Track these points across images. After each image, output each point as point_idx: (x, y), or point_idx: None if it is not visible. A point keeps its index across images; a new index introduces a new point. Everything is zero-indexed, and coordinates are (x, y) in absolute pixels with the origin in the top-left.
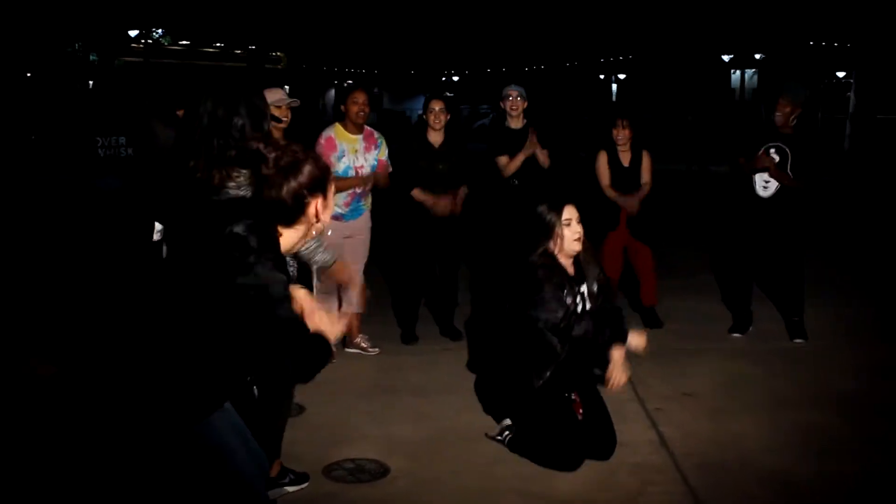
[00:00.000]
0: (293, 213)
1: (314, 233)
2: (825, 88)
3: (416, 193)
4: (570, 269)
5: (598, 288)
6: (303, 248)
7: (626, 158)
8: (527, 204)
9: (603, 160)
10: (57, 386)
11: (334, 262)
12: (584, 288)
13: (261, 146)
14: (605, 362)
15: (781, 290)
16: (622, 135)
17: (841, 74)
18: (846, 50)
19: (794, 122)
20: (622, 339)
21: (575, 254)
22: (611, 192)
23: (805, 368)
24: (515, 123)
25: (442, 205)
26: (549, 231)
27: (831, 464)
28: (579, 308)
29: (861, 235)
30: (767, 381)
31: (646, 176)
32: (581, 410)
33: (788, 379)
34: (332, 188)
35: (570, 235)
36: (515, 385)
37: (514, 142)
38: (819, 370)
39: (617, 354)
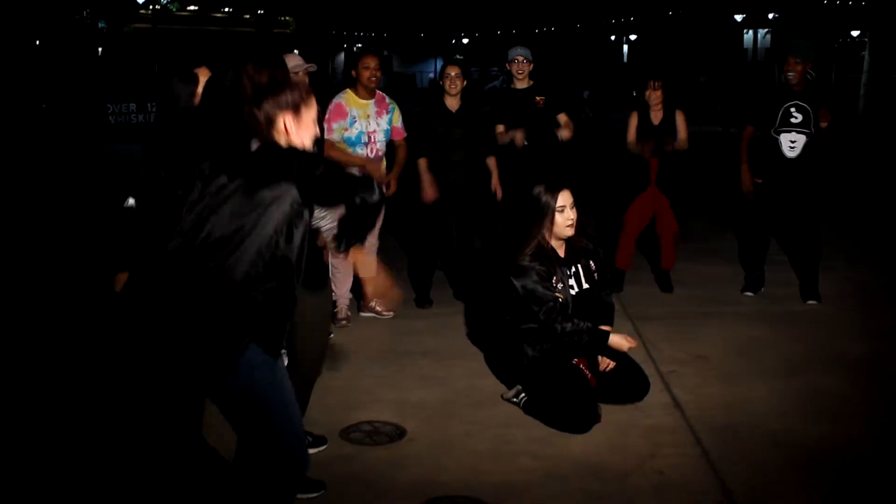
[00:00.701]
0: (266, 128)
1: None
2: (839, 47)
3: (421, 164)
4: (561, 251)
5: (593, 265)
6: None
7: (657, 118)
8: (537, 168)
9: (633, 120)
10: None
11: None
12: (575, 268)
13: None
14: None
15: (798, 251)
16: (654, 95)
17: (855, 33)
18: (860, 8)
19: (809, 77)
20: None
21: (566, 237)
22: (631, 145)
23: (816, 333)
24: (521, 84)
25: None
26: (542, 215)
27: (840, 428)
28: (573, 289)
29: (875, 201)
30: (778, 345)
31: (682, 133)
32: (590, 374)
33: (799, 343)
34: (307, 110)
35: (562, 221)
36: (520, 356)
37: (517, 103)
38: (829, 335)
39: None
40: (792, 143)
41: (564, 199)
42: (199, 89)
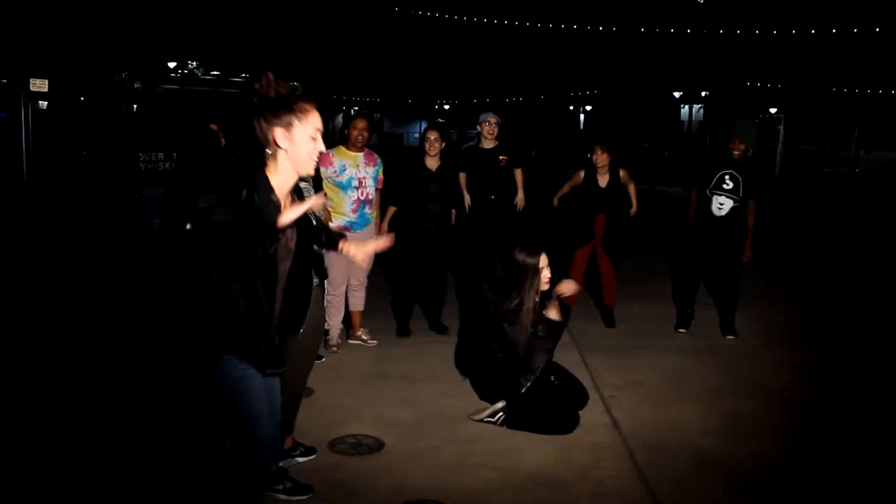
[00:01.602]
0: (264, 139)
1: (295, 166)
2: (760, 122)
3: (389, 211)
4: (536, 298)
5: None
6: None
7: (603, 180)
8: (502, 216)
9: (576, 178)
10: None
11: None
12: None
13: (257, 84)
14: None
15: (720, 294)
16: (601, 159)
17: (773, 110)
18: (777, 90)
19: (749, 154)
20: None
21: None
22: (555, 200)
23: (736, 364)
24: (488, 144)
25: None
26: (529, 276)
27: (756, 447)
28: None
29: (789, 250)
30: (703, 373)
31: (634, 201)
32: (555, 380)
33: (721, 373)
34: (298, 125)
35: (543, 279)
36: (514, 383)
37: (482, 160)
38: (748, 366)
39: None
40: (720, 205)
41: (543, 261)
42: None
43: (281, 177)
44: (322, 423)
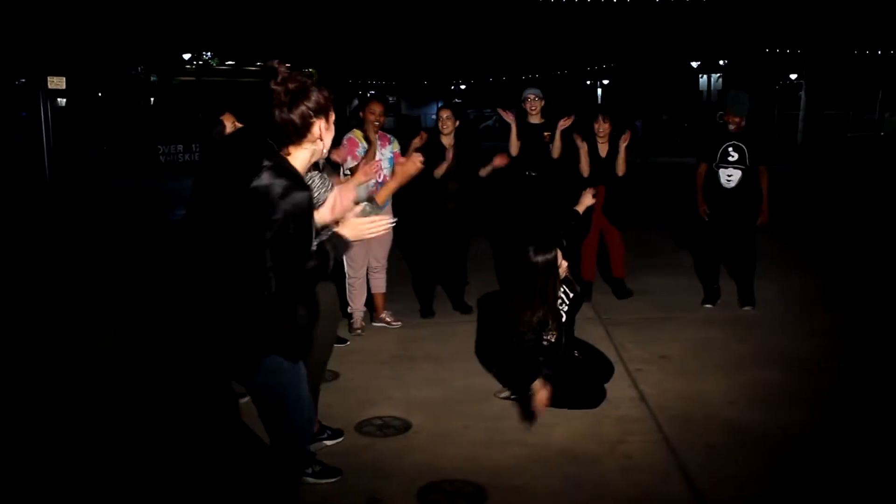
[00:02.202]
0: (301, 131)
1: (319, 154)
2: (780, 89)
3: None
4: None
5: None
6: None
7: (603, 150)
8: (541, 193)
9: (584, 151)
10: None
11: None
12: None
13: (276, 63)
14: None
15: (737, 265)
16: (602, 128)
17: (793, 76)
18: (797, 55)
19: (745, 124)
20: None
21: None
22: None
23: (760, 334)
24: (534, 119)
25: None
26: (542, 275)
27: (782, 415)
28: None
29: (811, 217)
30: (729, 344)
31: (621, 164)
32: (579, 355)
33: (746, 342)
34: (332, 115)
35: (560, 274)
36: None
37: (532, 134)
38: (773, 334)
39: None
40: (729, 177)
41: (559, 256)
42: (228, 128)
43: (299, 164)
44: (348, 406)
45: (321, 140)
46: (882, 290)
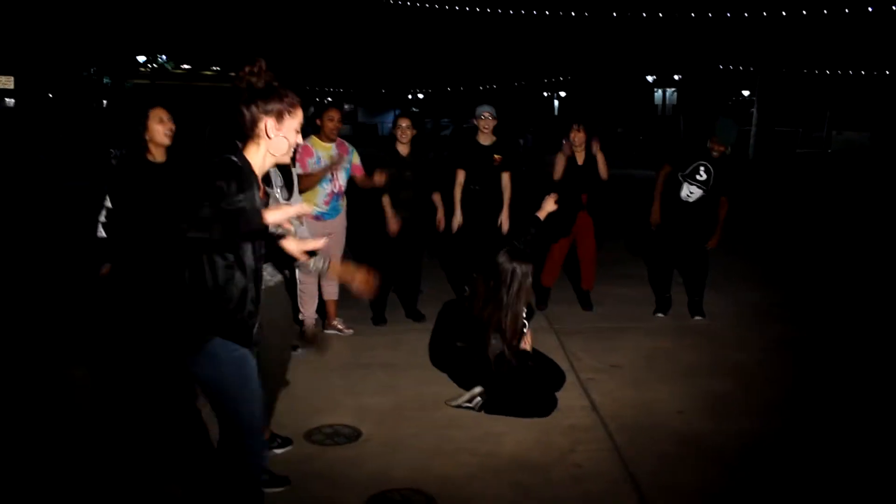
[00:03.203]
0: (250, 126)
1: (274, 155)
2: (732, 104)
3: (385, 200)
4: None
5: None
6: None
7: (581, 158)
8: (485, 207)
9: (561, 158)
10: (87, 385)
11: (327, 264)
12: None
13: (248, 68)
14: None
15: (688, 275)
16: (578, 137)
17: (746, 93)
18: (750, 73)
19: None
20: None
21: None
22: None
23: (710, 344)
24: (485, 140)
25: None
26: (513, 281)
27: (731, 425)
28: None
29: (762, 232)
30: (681, 354)
31: (602, 169)
32: (532, 364)
33: (696, 353)
34: (287, 119)
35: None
36: (484, 374)
37: (480, 156)
38: (724, 345)
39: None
40: (690, 193)
41: (529, 268)
42: (150, 122)
43: (258, 162)
44: (298, 414)
45: (269, 138)
46: (830, 303)
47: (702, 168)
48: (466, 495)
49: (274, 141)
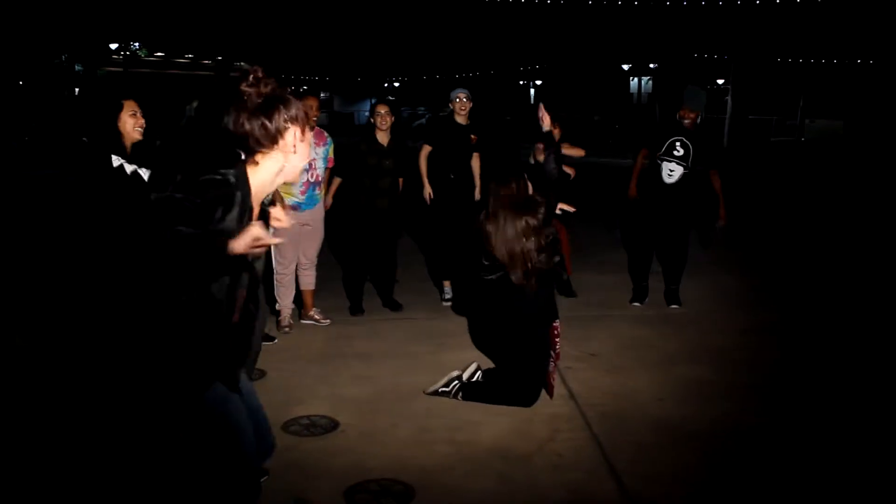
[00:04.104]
0: (273, 138)
1: (291, 172)
2: (707, 93)
3: (334, 182)
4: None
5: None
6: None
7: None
8: (461, 194)
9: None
10: (33, 356)
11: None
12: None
13: (247, 67)
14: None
15: (666, 262)
16: (554, 133)
17: (720, 81)
18: (724, 61)
19: (699, 122)
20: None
21: None
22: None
23: (690, 331)
24: (462, 121)
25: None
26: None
27: (710, 411)
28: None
29: (737, 219)
30: (660, 342)
31: (574, 152)
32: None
33: (677, 340)
34: (308, 131)
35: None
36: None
37: (458, 135)
38: (702, 331)
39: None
40: (671, 172)
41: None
42: (123, 114)
43: (259, 180)
44: (275, 406)
45: (294, 151)
46: (808, 288)
47: (677, 143)
48: (446, 485)
49: (295, 155)
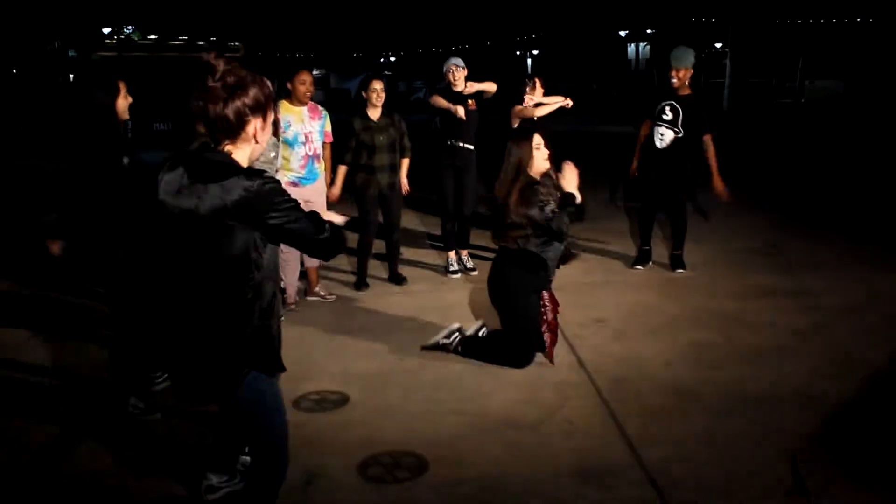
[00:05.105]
0: (234, 130)
1: (257, 154)
2: (706, 57)
3: (340, 170)
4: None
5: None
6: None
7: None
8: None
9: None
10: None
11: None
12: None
13: (212, 58)
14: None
15: (671, 229)
16: (537, 93)
17: (719, 45)
18: (722, 24)
19: (689, 82)
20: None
21: (545, 170)
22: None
23: (693, 294)
24: (458, 88)
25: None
26: (522, 158)
27: (717, 374)
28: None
29: (738, 182)
30: (665, 306)
31: (549, 100)
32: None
33: (679, 304)
34: (272, 114)
35: (539, 156)
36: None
37: (454, 99)
38: (706, 295)
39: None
40: (661, 136)
41: (538, 140)
42: (120, 100)
43: (239, 157)
44: (285, 382)
45: (255, 141)
46: (810, 250)
47: (667, 107)
48: (458, 455)
49: (259, 142)
